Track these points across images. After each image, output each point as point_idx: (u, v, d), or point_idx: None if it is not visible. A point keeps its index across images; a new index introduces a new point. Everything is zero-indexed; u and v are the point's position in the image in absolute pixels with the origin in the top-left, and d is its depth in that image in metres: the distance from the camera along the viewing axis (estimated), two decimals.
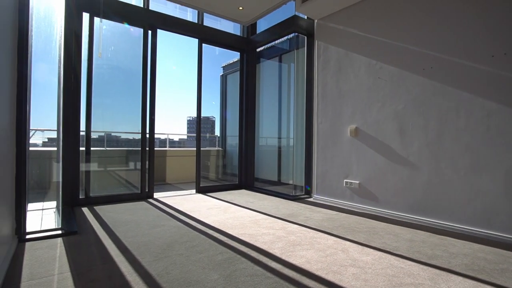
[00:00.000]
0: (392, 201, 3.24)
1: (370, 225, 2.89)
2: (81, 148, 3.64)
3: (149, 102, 4.07)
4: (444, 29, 2.84)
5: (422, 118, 2.99)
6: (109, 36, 3.84)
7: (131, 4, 3.91)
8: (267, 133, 5.58)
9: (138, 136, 4.06)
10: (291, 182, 5.00)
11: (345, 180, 3.74)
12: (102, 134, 4.20)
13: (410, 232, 2.68)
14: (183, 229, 2.67)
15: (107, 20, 3.77)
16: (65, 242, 2.28)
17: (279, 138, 5.22)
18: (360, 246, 2.28)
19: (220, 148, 6.82)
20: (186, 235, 2.48)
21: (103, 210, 3.34)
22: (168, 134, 8.17)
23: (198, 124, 4.64)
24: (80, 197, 3.58)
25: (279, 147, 5.22)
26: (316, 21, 4.18)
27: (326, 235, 2.54)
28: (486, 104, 2.58)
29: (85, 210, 3.33)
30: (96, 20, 3.63)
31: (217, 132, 7.09)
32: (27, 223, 2.49)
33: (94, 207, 3.46)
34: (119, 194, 3.86)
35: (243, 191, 4.80)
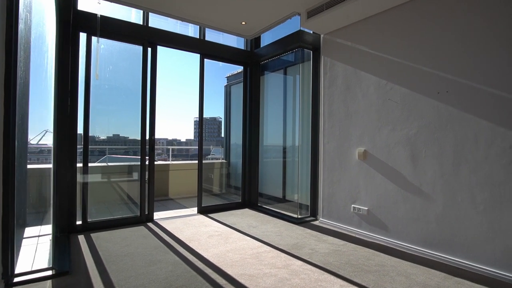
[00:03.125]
0: (403, 232, 3.03)
1: (380, 261, 2.69)
2: (79, 164, 3.53)
3: (148, 121, 3.94)
4: (463, 50, 2.62)
5: (437, 145, 2.78)
6: (106, 56, 3.72)
7: (129, 22, 3.78)
8: (271, 147, 5.41)
9: (138, 162, 3.93)
10: (296, 199, 4.82)
11: (352, 205, 3.54)
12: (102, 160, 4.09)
13: (424, 273, 2.47)
14: (179, 267, 2.52)
15: (105, 39, 3.66)
16: (54, 286, 2.15)
17: (284, 152, 5.04)
18: None
19: (224, 160, 6.69)
20: (182, 277, 2.33)
21: (100, 238, 3.21)
22: (172, 142, 8.05)
23: (200, 137, 4.49)
24: (78, 222, 3.47)
25: (284, 162, 5.05)
26: (322, 35, 3.99)
27: (332, 277, 2.35)
28: (509, 134, 2.36)
29: (81, 238, 3.22)
30: (94, 39, 3.52)
31: (223, 134, 6.96)
32: (19, 258, 2.37)
33: (91, 234, 3.34)
34: (118, 219, 3.74)
35: (247, 210, 4.63)
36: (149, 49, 3.95)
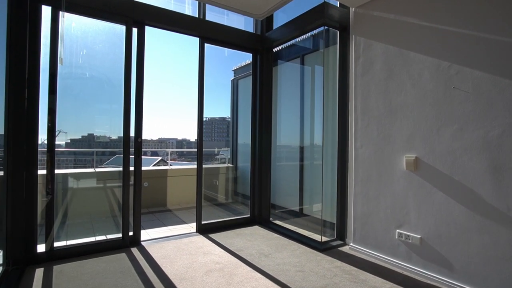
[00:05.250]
0: (478, 275, 2.14)
1: None
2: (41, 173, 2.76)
3: (134, 120, 3.15)
4: None
5: None
6: (80, 37, 2.95)
7: None
8: (286, 149, 4.57)
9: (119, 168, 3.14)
10: (317, 214, 3.96)
11: (397, 231, 2.66)
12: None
13: None
14: None
15: (77, 15, 2.88)
16: None
17: (301, 155, 4.19)
18: None
19: (231, 165, 5.87)
20: None
21: (64, 275, 2.43)
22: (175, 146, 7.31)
23: (200, 137, 3.68)
24: (40, 249, 2.70)
25: (301, 167, 4.20)
26: (353, 9, 3.12)
27: None
28: None
29: (38, 274, 2.43)
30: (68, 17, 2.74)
31: (230, 135, 6.18)
32: None
33: (55, 267, 2.56)
34: (93, 243, 2.96)
35: (257, 229, 3.79)
36: (135, 29, 3.15)
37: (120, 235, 3.09)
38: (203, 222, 3.65)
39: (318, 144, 4.05)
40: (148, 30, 3.25)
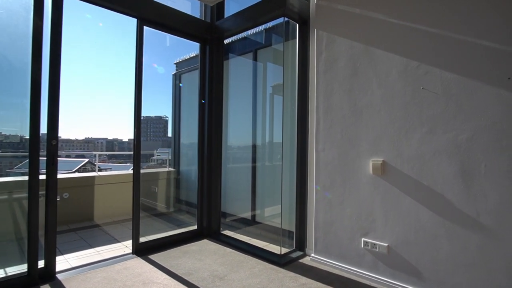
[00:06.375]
0: (449, 282, 2.07)
1: None
2: None
3: (48, 115, 2.41)
4: None
5: (506, 156, 1.86)
6: None
7: None
8: (238, 152, 4.20)
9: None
10: (271, 221, 3.68)
11: (363, 239, 2.50)
12: None
13: None
14: None
15: None
16: None
17: (254, 157, 3.87)
18: None
19: (172, 169, 5.26)
20: None
21: None
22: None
23: (137, 140, 3.06)
24: None
25: (254, 170, 3.88)
26: (315, 2, 2.90)
27: None
28: None
29: None
30: None
31: (170, 133, 5.52)
32: None
33: None
34: None
35: (206, 243, 3.32)
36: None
37: (24, 267, 2.32)
38: (141, 241, 3.03)
39: (274, 143, 3.77)
40: (74, 3, 2.54)
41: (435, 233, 2.13)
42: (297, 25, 3.05)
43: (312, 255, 2.86)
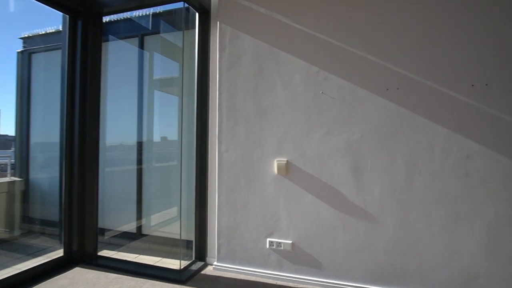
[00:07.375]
0: (343, 268, 2.30)
1: None
2: None
3: None
4: (417, 41, 2.16)
5: (386, 154, 2.22)
6: None
7: None
8: (118, 153, 3.54)
9: None
10: (160, 232, 3.28)
11: (268, 239, 2.50)
12: None
13: None
14: None
15: None
16: None
17: (140, 159, 3.35)
18: None
19: (17, 178, 3.95)
20: None
21: None
22: None
23: None
24: None
25: (139, 173, 3.36)
26: None
27: None
28: (465, 143, 2.07)
29: None
30: None
31: (2, 130, 4.11)
32: None
33: None
34: None
35: (79, 272, 2.58)
36: None
37: None
38: None
39: (164, 141, 3.37)
40: None
41: (333, 225, 2.33)
42: (197, 14, 2.79)
43: (215, 263, 2.66)
